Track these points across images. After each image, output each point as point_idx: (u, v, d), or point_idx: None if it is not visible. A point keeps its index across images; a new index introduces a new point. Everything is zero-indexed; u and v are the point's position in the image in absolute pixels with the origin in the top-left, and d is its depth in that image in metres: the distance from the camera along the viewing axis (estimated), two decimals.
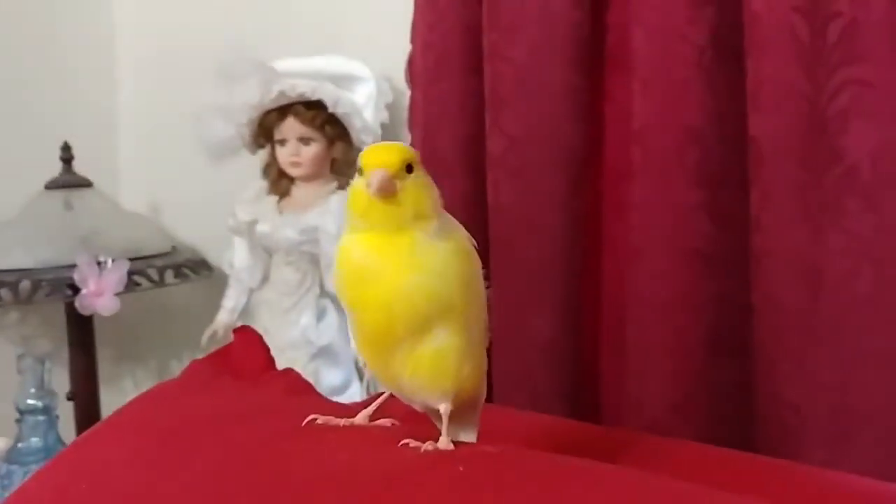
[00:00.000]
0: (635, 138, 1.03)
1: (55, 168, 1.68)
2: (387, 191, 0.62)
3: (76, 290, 1.51)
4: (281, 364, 0.95)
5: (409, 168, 0.64)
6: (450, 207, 1.18)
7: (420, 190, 0.65)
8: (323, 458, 0.62)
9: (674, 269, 1.00)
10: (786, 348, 0.93)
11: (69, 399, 1.61)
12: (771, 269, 0.93)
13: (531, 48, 1.10)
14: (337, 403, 0.84)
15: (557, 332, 1.12)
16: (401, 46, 1.32)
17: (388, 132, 1.47)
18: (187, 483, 0.59)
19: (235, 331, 0.91)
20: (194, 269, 1.68)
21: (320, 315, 1.49)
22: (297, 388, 0.84)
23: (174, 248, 1.75)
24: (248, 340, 0.87)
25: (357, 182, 0.64)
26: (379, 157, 0.64)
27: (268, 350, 0.89)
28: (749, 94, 0.94)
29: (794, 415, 0.93)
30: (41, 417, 1.47)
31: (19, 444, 1.47)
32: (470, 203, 1.19)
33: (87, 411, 1.62)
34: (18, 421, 1.47)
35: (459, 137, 1.20)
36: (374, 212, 0.63)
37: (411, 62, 1.29)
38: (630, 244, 1.04)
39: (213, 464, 0.61)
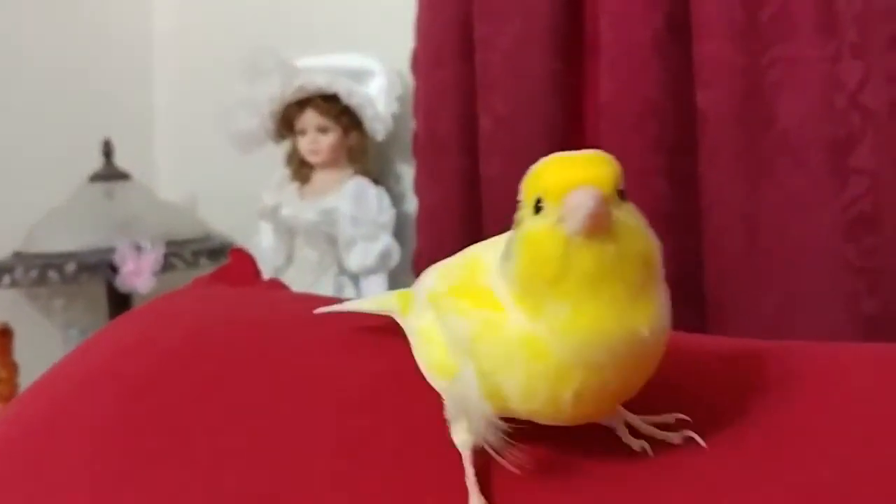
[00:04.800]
0: (601, 112, 1.15)
1: (98, 162, 1.81)
2: (602, 222, 0.43)
3: (116, 270, 1.65)
4: None
5: (621, 193, 0.45)
6: (448, 170, 1.33)
7: (642, 230, 0.46)
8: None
9: None
10: (731, 290, 1.06)
11: None
12: (716, 220, 1.06)
13: (516, 37, 1.23)
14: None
15: None
16: (409, 43, 1.44)
17: (399, 123, 1.58)
18: (208, 371, 0.69)
19: (230, 251, 1.04)
20: (225, 252, 1.79)
21: (338, 291, 1.59)
22: (279, 287, 0.98)
23: (207, 235, 1.88)
24: (241, 259, 1.00)
25: (530, 226, 0.45)
26: (577, 172, 0.44)
27: (256, 265, 1.01)
28: (696, 71, 1.07)
29: None
30: None
31: None
32: (467, 178, 1.32)
33: None
34: None
35: (456, 118, 1.33)
36: (577, 267, 0.43)
37: (415, 55, 1.43)
38: None
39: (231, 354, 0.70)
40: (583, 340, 0.44)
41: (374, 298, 0.71)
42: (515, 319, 0.46)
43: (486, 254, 0.53)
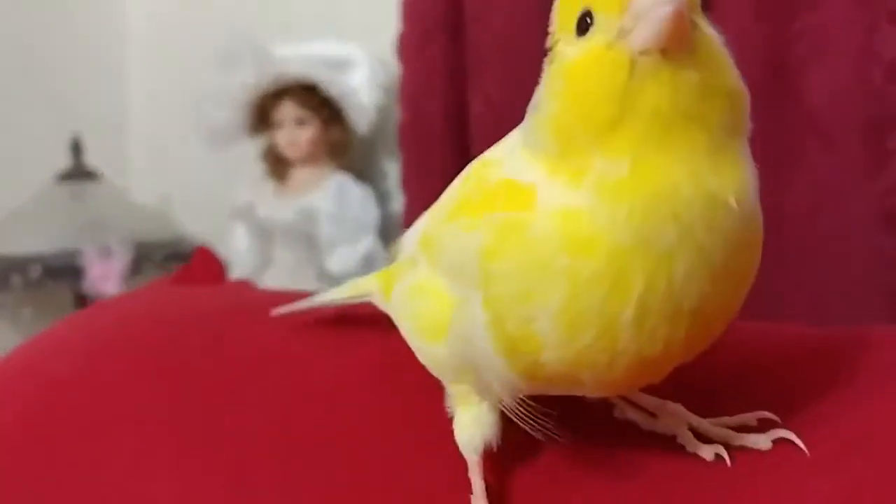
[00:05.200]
0: None
1: (66, 160, 1.73)
2: (684, 31, 0.33)
3: (83, 274, 1.57)
4: None
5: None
6: (439, 164, 1.24)
7: (728, 60, 0.37)
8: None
9: None
10: (757, 286, 0.95)
11: None
12: None
13: (509, 14, 1.14)
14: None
15: None
16: (394, 30, 1.35)
17: (383, 115, 1.50)
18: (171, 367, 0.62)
19: (194, 251, 0.96)
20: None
21: None
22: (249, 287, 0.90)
23: (179, 237, 1.80)
24: (205, 258, 0.91)
25: (573, 53, 0.35)
26: None
27: (221, 265, 0.93)
28: None
29: None
30: None
31: None
32: (457, 170, 1.22)
33: None
34: None
35: (444, 103, 1.24)
36: (644, 102, 0.33)
37: (401, 40, 1.33)
38: None
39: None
40: (646, 209, 0.32)
41: (349, 284, 0.60)
42: (549, 199, 0.34)
43: (491, 152, 0.43)
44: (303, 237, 1.51)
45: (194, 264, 0.93)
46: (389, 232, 1.51)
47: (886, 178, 0.89)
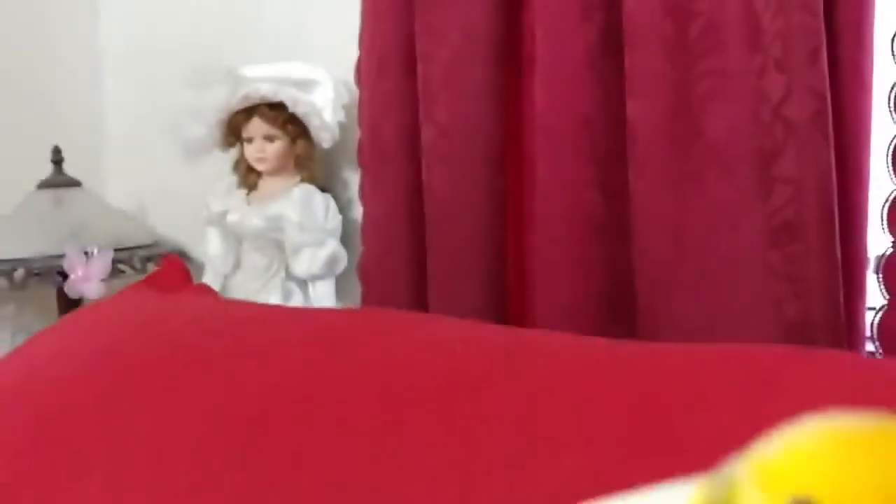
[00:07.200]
0: (536, 124, 1.19)
1: (47, 169, 1.81)
2: None
3: (65, 276, 1.65)
4: None
5: None
6: (393, 178, 1.35)
7: None
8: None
9: (570, 236, 1.16)
10: (660, 297, 1.09)
11: None
12: (646, 229, 1.09)
13: (455, 51, 1.26)
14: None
15: (484, 294, 1.28)
16: (355, 53, 1.46)
17: (345, 131, 1.59)
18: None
19: (162, 258, 1.07)
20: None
21: (286, 296, 1.61)
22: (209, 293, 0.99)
23: (156, 241, 1.88)
24: (172, 265, 1.02)
25: None
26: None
27: (187, 271, 1.03)
28: (627, 83, 1.10)
29: None
30: None
31: None
32: (410, 186, 1.35)
33: None
34: None
35: (399, 128, 1.36)
36: None
37: (359, 66, 1.45)
38: (535, 215, 1.21)
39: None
40: None
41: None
42: None
43: None
44: (271, 242, 1.61)
45: (163, 271, 1.05)
46: (351, 237, 1.61)
47: (773, 202, 1.03)
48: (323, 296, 1.60)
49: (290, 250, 1.59)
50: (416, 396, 0.61)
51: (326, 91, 1.60)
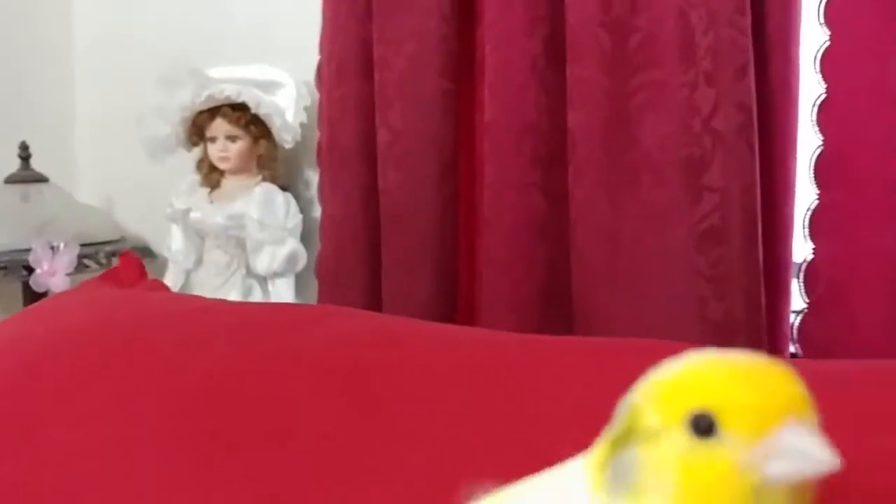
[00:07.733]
0: (485, 131, 1.25)
1: (15, 165, 1.85)
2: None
3: (31, 270, 1.68)
4: None
5: None
6: (350, 179, 1.40)
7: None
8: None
9: (514, 235, 1.22)
10: (595, 297, 1.15)
11: None
12: (583, 232, 1.15)
13: (410, 58, 1.32)
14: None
15: (435, 291, 1.33)
16: (317, 57, 1.51)
17: (307, 132, 1.64)
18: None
19: (120, 255, 1.11)
20: (139, 254, 1.84)
21: (246, 293, 1.66)
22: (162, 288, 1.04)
23: (122, 237, 1.92)
24: (129, 262, 1.07)
25: (691, 452, 0.36)
26: (781, 398, 0.36)
27: (143, 267, 1.08)
28: (568, 93, 1.16)
29: None
30: None
31: None
32: (366, 187, 1.40)
33: None
34: None
35: (356, 132, 1.41)
36: None
37: (320, 69, 1.50)
38: (482, 217, 1.26)
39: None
40: None
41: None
42: None
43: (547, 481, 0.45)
44: (232, 240, 1.65)
45: (120, 266, 1.09)
46: (311, 236, 1.65)
47: (701, 208, 1.09)
48: (282, 292, 1.64)
49: (250, 248, 1.63)
50: (318, 382, 0.67)
51: (289, 93, 1.64)
